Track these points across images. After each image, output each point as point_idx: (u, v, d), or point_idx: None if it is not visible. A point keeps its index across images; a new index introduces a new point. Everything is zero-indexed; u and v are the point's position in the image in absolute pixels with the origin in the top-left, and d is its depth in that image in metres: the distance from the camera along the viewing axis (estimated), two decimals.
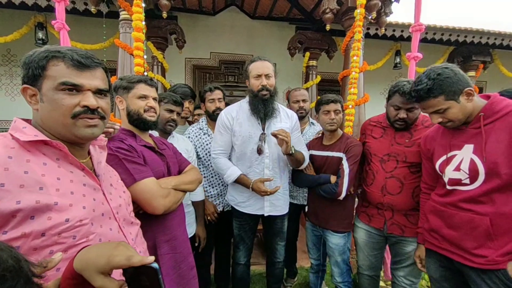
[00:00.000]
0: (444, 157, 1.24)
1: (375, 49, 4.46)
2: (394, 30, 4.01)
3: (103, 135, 1.07)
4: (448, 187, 1.22)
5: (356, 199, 1.88)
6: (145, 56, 2.22)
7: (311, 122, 2.37)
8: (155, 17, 3.58)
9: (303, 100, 2.29)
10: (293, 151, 1.60)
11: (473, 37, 4.20)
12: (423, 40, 3.52)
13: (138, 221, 0.92)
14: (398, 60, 4.62)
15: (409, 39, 4.12)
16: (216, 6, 4.48)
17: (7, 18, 3.80)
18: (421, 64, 2.78)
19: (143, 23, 2.27)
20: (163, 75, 3.93)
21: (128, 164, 1.00)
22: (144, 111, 1.17)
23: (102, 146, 0.86)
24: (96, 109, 0.72)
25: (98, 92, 0.74)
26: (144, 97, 1.18)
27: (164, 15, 2.78)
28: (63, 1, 2.06)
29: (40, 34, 3.64)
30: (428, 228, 1.34)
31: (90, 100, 0.71)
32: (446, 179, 1.23)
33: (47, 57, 0.68)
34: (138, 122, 1.17)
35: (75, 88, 0.69)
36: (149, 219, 1.06)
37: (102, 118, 0.75)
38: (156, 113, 1.22)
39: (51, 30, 3.49)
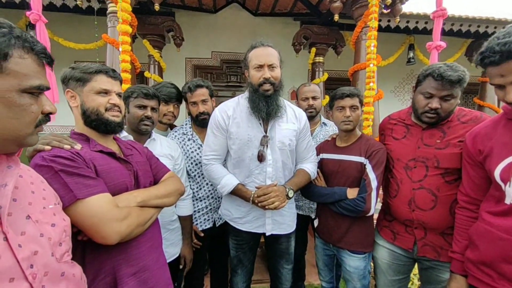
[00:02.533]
0: (508, 160, 0.91)
1: (386, 44, 4.14)
2: (408, 22, 3.71)
3: (41, 145, 0.80)
4: None
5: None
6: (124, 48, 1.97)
7: (323, 123, 2.06)
8: (151, 13, 3.39)
9: (313, 97, 1.97)
10: (291, 195, 1.37)
11: (495, 27, 3.86)
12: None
13: (76, 269, 0.65)
14: (411, 54, 4.30)
15: (424, 31, 3.83)
16: (217, 4, 4.28)
17: None
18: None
19: (130, 15, 2.05)
20: (161, 75, 3.73)
21: (68, 177, 0.73)
22: (106, 109, 0.92)
23: (13, 158, 0.57)
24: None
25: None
26: (105, 92, 0.92)
27: (157, 7, 2.57)
28: None
29: (32, 33, 3.46)
30: (476, 260, 1.01)
31: (51, 105, 0.59)
32: None
33: (12, 44, 0.51)
34: (98, 123, 0.91)
35: (36, 92, 0.56)
36: (105, 246, 0.78)
37: None
38: (121, 112, 0.96)
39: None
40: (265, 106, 1.34)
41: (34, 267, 0.52)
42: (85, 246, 0.79)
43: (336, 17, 2.77)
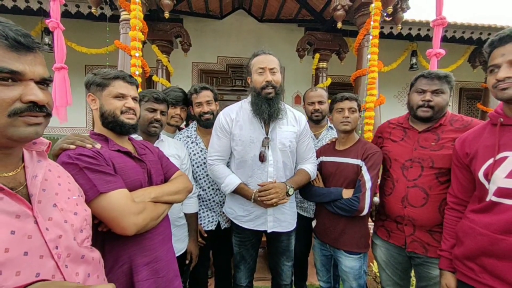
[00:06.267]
0: (490, 161, 0.99)
1: (389, 50, 4.20)
2: (410, 29, 3.77)
3: (66, 144, 0.88)
4: (493, 198, 0.97)
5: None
6: (137, 55, 2.07)
7: (330, 126, 2.12)
8: (160, 20, 3.52)
9: (320, 102, 2.03)
10: (290, 193, 1.45)
11: None
12: (442, 39, 3.28)
13: (95, 253, 0.72)
14: (414, 61, 4.35)
15: (426, 38, 3.88)
16: (224, 10, 4.40)
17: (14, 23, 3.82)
18: (438, 65, 2.52)
19: (142, 22, 2.16)
20: (168, 79, 3.83)
21: (91, 173, 0.82)
22: (121, 112, 1.00)
23: (41, 152, 0.65)
24: (44, 105, 0.57)
25: (41, 82, 0.58)
26: (121, 96, 1.01)
27: (166, 15, 2.67)
28: (58, 0, 1.97)
29: (47, 39, 3.64)
30: (461, 255, 1.08)
31: (37, 93, 0.55)
32: (492, 188, 0.98)
33: None
34: (114, 125, 1.00)
35: (12, 77, 0.53)
36: (122, 237, 0.87)
37: (48, 115, 0.60)
38: (136, 115, 1.04)
39: None
40: (267, 108, 1.43)
41: (59, 249, 0.59)
42: (105, 237, 0.87)
43: (339, 25, 2.84)
